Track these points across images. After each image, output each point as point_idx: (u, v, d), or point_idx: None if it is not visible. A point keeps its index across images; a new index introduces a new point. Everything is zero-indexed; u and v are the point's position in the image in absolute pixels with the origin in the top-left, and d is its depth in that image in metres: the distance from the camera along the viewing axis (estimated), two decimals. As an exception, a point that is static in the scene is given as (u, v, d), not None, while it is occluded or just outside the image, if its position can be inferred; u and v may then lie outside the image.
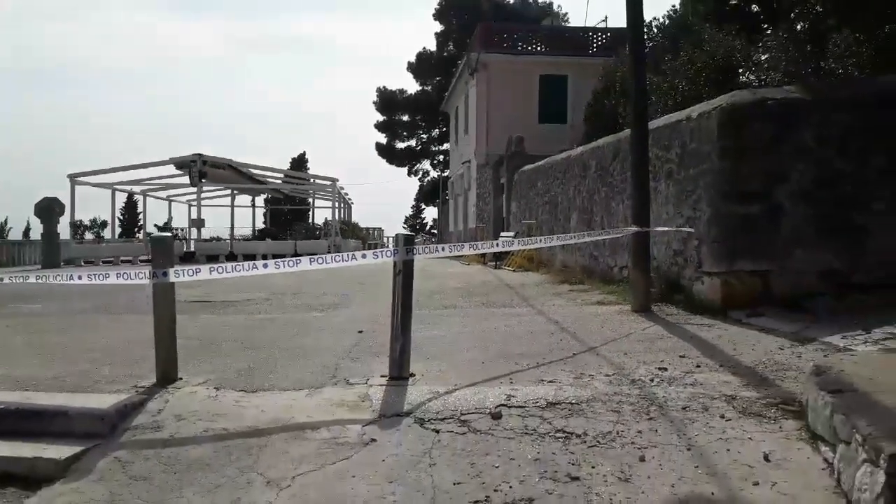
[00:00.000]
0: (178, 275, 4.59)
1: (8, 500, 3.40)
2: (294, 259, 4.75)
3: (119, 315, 8.39)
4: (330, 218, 30.58)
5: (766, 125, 7.23)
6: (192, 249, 24.52)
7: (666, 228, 8.08)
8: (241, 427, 3.90)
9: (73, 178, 23.69)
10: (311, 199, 36.44)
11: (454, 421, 3.81)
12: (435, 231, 56.39)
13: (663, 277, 8.39)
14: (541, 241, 6.16)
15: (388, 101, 49.86)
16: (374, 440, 3.63)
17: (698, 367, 4.83)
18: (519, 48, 27.98)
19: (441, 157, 51.35)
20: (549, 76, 27.43)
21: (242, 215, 34.52)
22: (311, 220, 38.40)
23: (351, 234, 32.60)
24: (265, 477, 3.31)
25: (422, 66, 48.60)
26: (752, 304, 7.05)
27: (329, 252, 23.65)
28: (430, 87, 48.86)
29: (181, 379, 4.72)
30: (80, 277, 4.92)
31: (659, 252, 8.65)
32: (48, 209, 21.50)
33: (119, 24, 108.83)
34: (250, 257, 22.92)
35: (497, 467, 3.27)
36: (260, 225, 37.31)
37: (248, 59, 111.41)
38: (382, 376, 4.68)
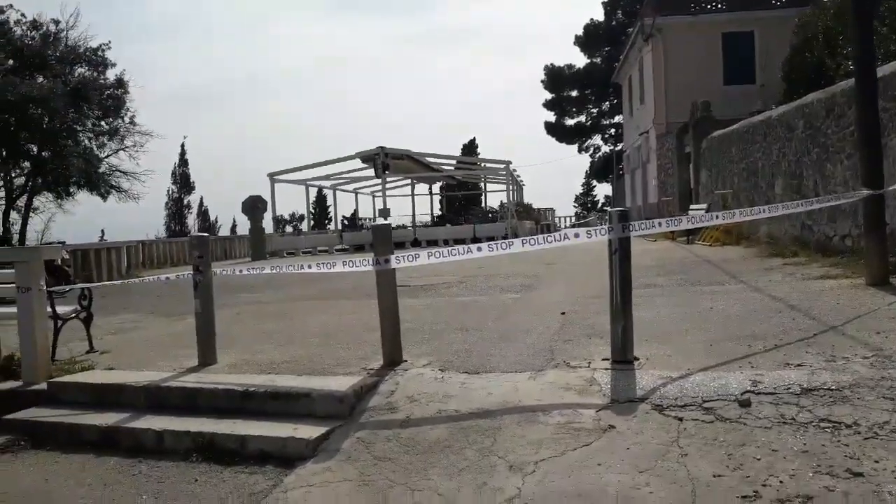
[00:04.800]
0: (399, 261, 4.71)
1: (268, 477, 3.66)
2: (507, 241, 4.70)
3: (331, 300, 8.94)
4: (504, 200, 30.70)
5: None
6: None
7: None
8: (472, 409, 3.92)
9: (273, 177, 25.76)
10: (482, 184, 36.83)
11: (697, 408, 3.56)
12: (608, 208, 54.74)
13: (901, 246, 7.37)
14: (765, 210, 5.59)
15: (555, 78, 48.94)
16: (612, 426, 3.48)
17: (978, 347, 4.15)
18: (696, 7, 26.12)
19: (613, 131, 49.63)
20: (733, 34, 25.39)
21: (419, 203, 35.73)
22: (483, 204, 38.89)
23: (525, 216, 32.51)
24: (507, 461, 3.28)
25: (590, 37, 47.12)
26: None
27: (506, 235, 23.76)
28: (598, 60, 47.32)
29: (406, 361, 4.86)
30: (309, 266, 5.24)
31: (893, 217, 7.62)
32: (253, 206, 23.60)
33: (288, 31, 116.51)
34: (433, 243, 23.61)
35: (759, 459, 2.98)
36: (436, 212, 38.43)
37: (409, 55, 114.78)
38: (604, 359, 4.50)
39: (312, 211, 42.81)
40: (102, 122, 26.01)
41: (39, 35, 24.81)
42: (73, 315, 6.42)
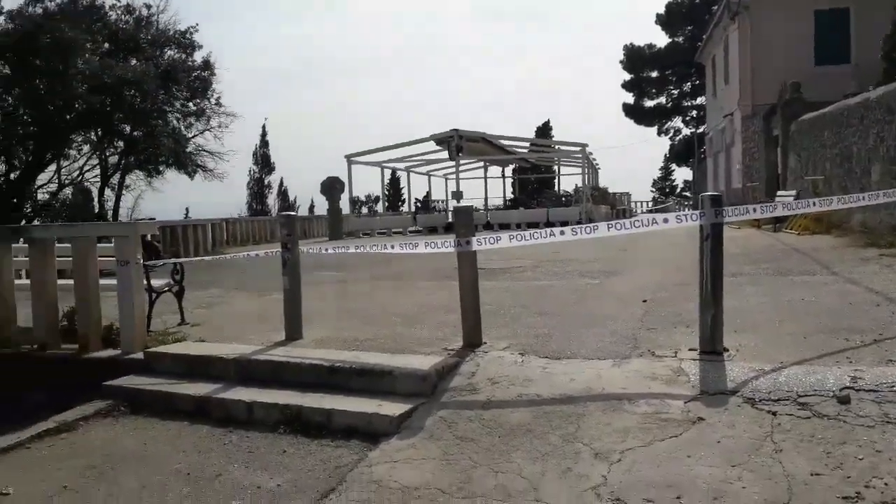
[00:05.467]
0: (481, 243, 4.72)
1: (353, 451, 3.75)
2: (592, 225, 4.63)
3: (410, 281, 9.03)
4: (579, 184, 30.11)
5: None
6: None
7: None
8: (554, 394, 3.90)
9: (350, 159, 26.18)
10: (555, 167, 36.30)
11: (791, 403, 3.42)
12: (687, 193, 53.05)
13: None
14: (864, 197, 5.28)
15: (635, 58, 47.60)
16: (701, 418, 3.39)
17: None
18: (788, -17, 24.80)
19: (694, 113, 47.97)
20: (826, 11, 23.97)
21: (491, 186, 35.58)
22: (557, 188, 38.34)
23: (601, 200, 31.88)
24: (592, 448, 3.25)
25: (672, 16, 45.51)
26: None
27: (580, 219, 23.37)
28: (681, 39, 45.70)
29: (485, 343, 4.88)
30: (392, 247, 5.31)
31: None
32: (331, 187, 24.08)
33: (357, 17, 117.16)
34: (505, 226, 23.51)
35: (861, 459, 2.85)
36: (509, 195, 38.17)
37: (482, 35, 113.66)
38: (691, 349, 4.39)
39: (386, 193, 43.26)
40: (190, 104, 27.01)
41: (133, 19, 25.91)
42: (167, 289, 6.73)
